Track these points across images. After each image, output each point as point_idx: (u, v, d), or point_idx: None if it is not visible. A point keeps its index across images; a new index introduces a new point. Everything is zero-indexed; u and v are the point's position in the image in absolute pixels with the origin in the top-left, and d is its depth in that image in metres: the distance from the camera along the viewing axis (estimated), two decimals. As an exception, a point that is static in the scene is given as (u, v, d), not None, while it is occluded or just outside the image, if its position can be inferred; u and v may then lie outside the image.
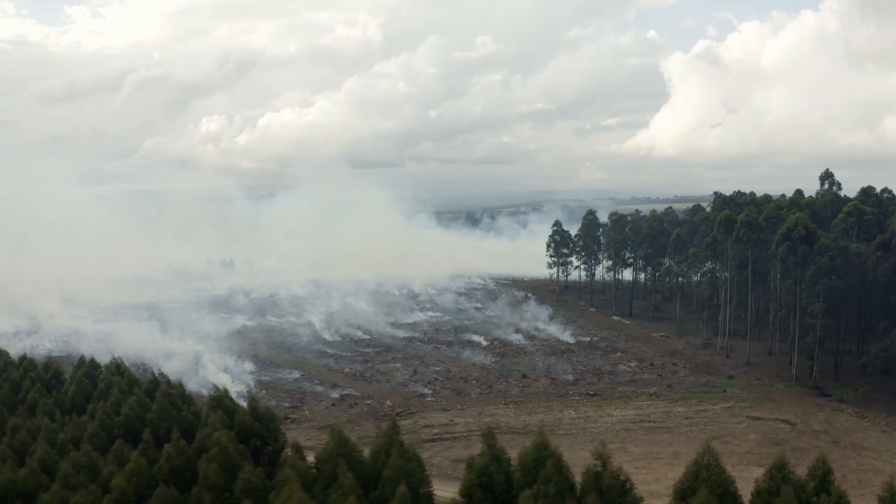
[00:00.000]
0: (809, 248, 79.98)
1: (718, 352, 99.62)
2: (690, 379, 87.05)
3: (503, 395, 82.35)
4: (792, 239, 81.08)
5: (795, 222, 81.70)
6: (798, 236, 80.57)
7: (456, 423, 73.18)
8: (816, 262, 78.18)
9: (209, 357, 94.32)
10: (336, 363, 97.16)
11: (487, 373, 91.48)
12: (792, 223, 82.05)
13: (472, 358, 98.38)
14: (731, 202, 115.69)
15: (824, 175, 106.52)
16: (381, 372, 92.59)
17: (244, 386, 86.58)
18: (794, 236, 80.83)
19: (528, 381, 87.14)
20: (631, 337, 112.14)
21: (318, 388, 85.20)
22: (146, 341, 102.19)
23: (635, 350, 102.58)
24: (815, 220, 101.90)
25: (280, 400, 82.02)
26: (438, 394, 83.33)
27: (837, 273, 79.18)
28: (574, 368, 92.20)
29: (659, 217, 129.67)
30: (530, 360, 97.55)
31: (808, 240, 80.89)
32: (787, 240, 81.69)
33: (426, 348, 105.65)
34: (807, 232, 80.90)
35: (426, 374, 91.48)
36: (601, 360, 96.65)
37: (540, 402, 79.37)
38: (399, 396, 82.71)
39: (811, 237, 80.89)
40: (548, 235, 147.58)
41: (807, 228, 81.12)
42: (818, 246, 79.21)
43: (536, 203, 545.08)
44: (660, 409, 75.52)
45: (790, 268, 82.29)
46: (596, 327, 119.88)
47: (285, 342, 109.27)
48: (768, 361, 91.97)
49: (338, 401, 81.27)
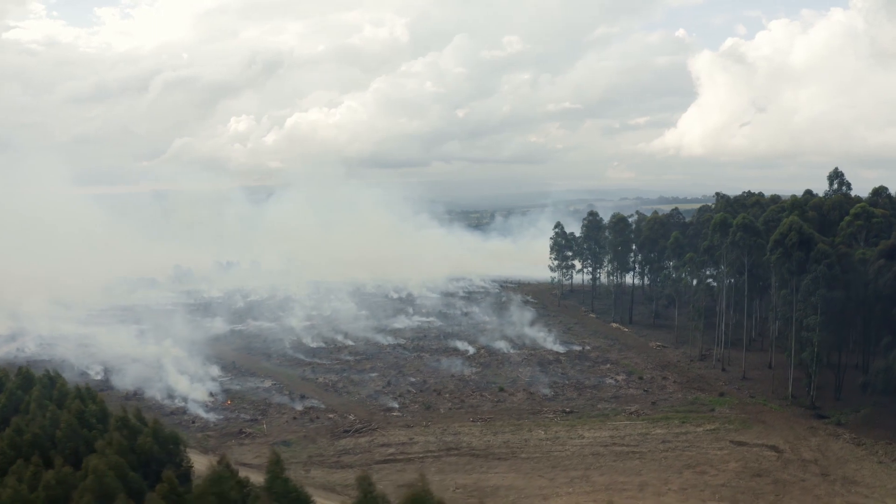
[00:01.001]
0: (805, 256, 72.37)
1: (714, 364, 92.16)
2: (678, 395, 79.93)
3: (474, 410, 76.33)
4: (785, 245, 73.52)
5: (789, 227, 74.12)
6: (792, 242, 72.97)
7: (415, 443, 67.46)
8: (813, 270, 70.54)
9: (176, 364, 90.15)
10: (312, 372, 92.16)
11: (464, 385, 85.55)
12: (785, 228, 74.49)
13: (453, 368, 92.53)
14: (735, 203, 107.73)
15: (833, 174, 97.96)
16: (354, 382, 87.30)
17: (208, 395, 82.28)
18: (787, 243, 73.28)
19: (504, 396, 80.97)
20: (626, 346, 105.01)
21: (283, 400, 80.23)
22: (122, 346, 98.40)
23: (626, 361, 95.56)
24: (822, 224, 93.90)
25: (243, 411, 77.39)
26: (406, 408, 77.70)
27: (837, 283, 71.44)
28: (556, 382, 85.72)
29: (660, 219, 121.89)
30: (513, 371, 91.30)
31: (803, 246, 73.26)
32: (780, 246, 74.18)
33: (409, 356, 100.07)
34: (801, 237, 73.28)
35: (400, 385, 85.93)
36: (587, 373, 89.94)
37: (511, 419, 73.17)
38: (365, 410, 77.30)
39: (807, 243, 73.22)
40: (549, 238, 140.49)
41: (801, 234, 73.48)
42: (814, 253, 71.56)
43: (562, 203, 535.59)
44: (637, 430, 68.75)
45: (785, 277, 74.74)
46: (591, 335, 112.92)
47: (268, 348, 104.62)
48: (766, 376, 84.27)
49: (300, 414, 76.19)
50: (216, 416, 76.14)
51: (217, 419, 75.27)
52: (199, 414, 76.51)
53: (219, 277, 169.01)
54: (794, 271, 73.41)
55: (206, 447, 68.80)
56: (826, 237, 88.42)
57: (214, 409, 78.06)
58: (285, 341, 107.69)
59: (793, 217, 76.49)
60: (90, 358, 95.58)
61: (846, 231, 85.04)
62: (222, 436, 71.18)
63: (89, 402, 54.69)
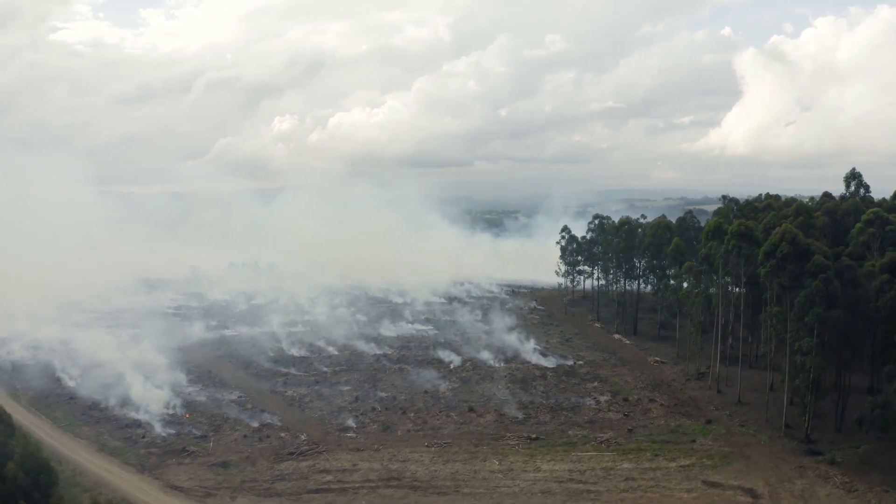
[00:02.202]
0: (800, 269, 63.17)
1: (710, 385, 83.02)
2: (660, 422, 71.49)
3: (433, 433, 69.67)
4: (777, 257, 64.41)
5: (781, 236, 64.93)
6: (784, 254, 63.82)
7: (357, 470, 61.33)
8: (808, 286, 61.38)
9: (148, 373, 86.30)
10: (284, 384, 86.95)
11: (435, 402, 78.92)
12: (777, 238, 65.32)
13: (430, 382, 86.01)
14: (745, 207, 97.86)
15: (850, 175, 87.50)
16: (322, 397, 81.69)
17: (169, 407, 77.82)
18: (779, 254, 64.16)
19: (471, 417, 73.99)
20: (621, 361, 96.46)
21: (242, 415, 75.16)
22: (103, 352, 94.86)
23: (616, 379, 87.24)
24: (836, 230, 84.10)
25: (197, 426, 72.67)
26: (364, 428, 71.61)
27: (836, 300, 62.05)
28: (532, 402, 78.23)
29: (665, 223, 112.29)
30: (491, 388, 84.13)
31: (798, 258, 64.00)
32: (771, 258, 65.07)
33: (389, 368, 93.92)
34: (795, 248, 63.98)
35: (367, 401, 79.89)
36: (570, 392, 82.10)
37: (469, 445, 66.24)
38: (320, 429, 71.58)
39: (803, 255, 63.92)
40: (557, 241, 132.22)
41: (795, 244, 64.18)
42: (809, 266, 62.29)
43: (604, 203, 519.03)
44: (602, 463, 60.93)
45: (778, 292, 65.66)
46: (589, 348, 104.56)
47: (250, 356, 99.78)
48: (763, 400, 74.70)
49: (253, 431, 71.04)
50: (169, 430, 71.67)
51: (168, 434, 70.77)
52: (152, 427, 72.21)
53: (232, 279, 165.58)
54: (787, 286, 64.27)
55: (145, 465, 64.31)
56: (839, 246, 78.92)
57: (171, 423, 73.59)
58: (269, 349, 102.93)
59: (786, 225, 67.21)
60: (71, 363, 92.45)
61: (857, 240, 75.20)
62: (165, 453, 66.54)
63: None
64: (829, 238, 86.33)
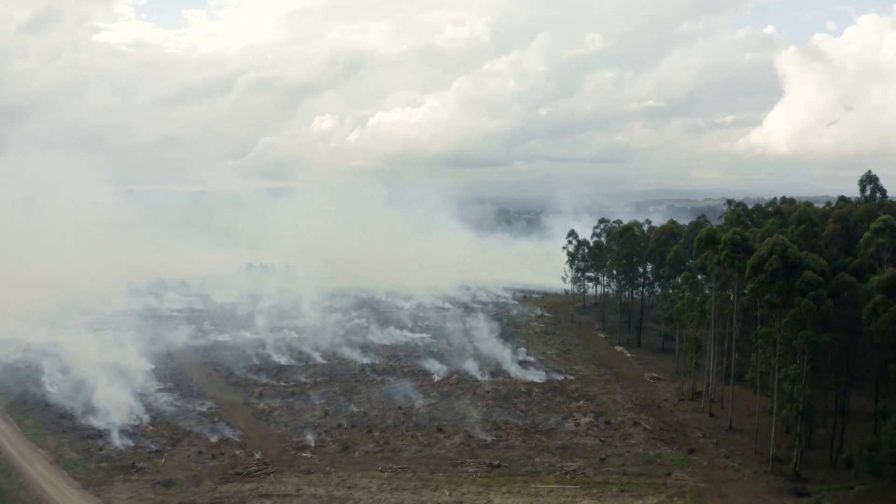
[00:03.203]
0: (790, 285, 56.11)
1: (703, 406, 75.97)
2: (639, 450, 65.01)
3: (392, 456, 64.82)
4: (766, 272, 57.42)
5: (770, 248, 57.87)
6: (773, 268, 56.81)
7: (299, 495, 57.10)
8: (796, 305, 54.36)
9: (124, 381, 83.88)
10: (259, 396, 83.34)
11: (405, 420, 74.15)
12: (765, 250, 58.28)
13: (408, 397, 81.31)
14: (753, 213, 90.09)
15: (865, 178, 79.03)
16: (292, 411, 77.80)
17: (133, 418, 74.93)
18: (767, 268, 57.16)
19: (437, 438, 68.91)
20: (616, 377, 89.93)
21: (204, 429, 71.74)
22: (89, 358, 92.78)
23: (605, 398, 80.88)
24: (848, 238, 76.05)
25: (156, 440, 69.54)
26: (322, 448, 67.27)
27: (830, 321, 54.86)
28: (507, 422, 72.68)
29: (669, 228, 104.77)
30: (469, 405, 78.84)
31: (790, 272, 56.92)
32: (758, 272, 58.10)
33: (372, 379, 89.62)
34: (786, 262, 56.89)
35: (337, 416, 75.67)
36: (551, 412, 76.18)
37: (425, 471, 61.19)
38: (278, 447, 67.59)
39: (794, 269, 56.80)
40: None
41: (786, 257, 57.06)
42: (799, 283, 55.18)
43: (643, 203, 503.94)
44: (561, 499, 55.11)
45: (767, 311, 58.70)
46: (586, 361, 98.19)
47: (235, 364, 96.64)
48: (757, 427, 67.22)
49: (209, 447, 67.50)
50: (127, 442, 68.77)
51: (125, 447, 67.84)
52: (112, 439, 69.32)
53: (245, 281, 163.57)
54: (776, 304, 57.25)
55: (92, 481, 61.38)
56: (848, 257, 71.17)
57: (132, 435, 70.68)
58: (256, 357, 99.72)
59: (777, 236, 60.01)
60: (59, 369, 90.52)
61: (866, 251, 67.29)
62: (115, 468, 63.54)
63: None
64: (839, 247, 78.44)
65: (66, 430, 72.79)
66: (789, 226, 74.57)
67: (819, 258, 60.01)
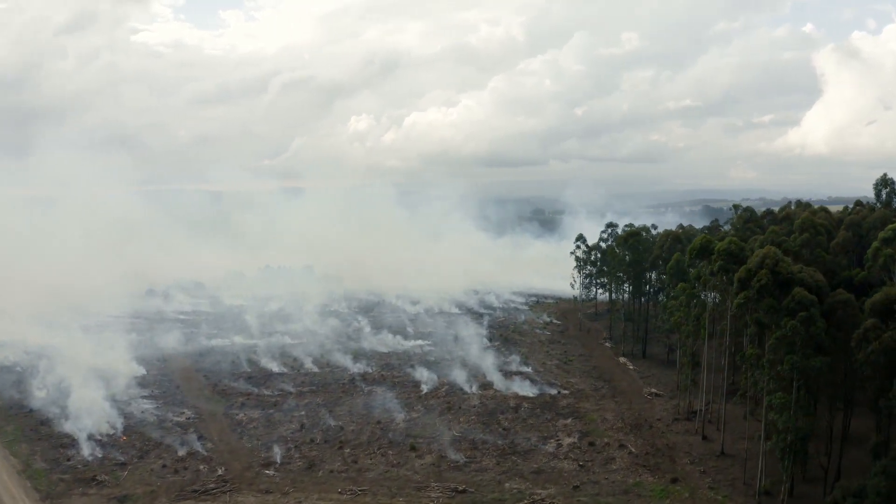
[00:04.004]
0: (778, 303, 50.61)
1: (698, 428, 70.36)
2: (618, 477, 60.12)
3: (357, 476, 61.43)
4: (753, 287, 51.97)
5: (760, 261, 52.40)
6: (762, 284, 51.35)
7: (249, 519, 53.96)
8: (783, 327, 48.87)
9: (109, 388, 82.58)
10: (241, 406, 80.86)
11: (381, 436, 70.66)
12: (755, 263, 52.79)
13: (390, 410, 77.78)
14: (762, 218, 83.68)
15: (880, 182, 72.20)
16: (270, 423, 75.04)
17: (109, 427, 73.12)
18: (755, 284, 51.72)
19: (408, 458, 65.20)
20: (613, 391, 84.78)
21: (174, 440, 69.48)
22: (78, 362, 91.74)
23: (595, 415, 75.91)
24: (861, 247, 69.59)
25: (126, 451, 67.61)
26: (288, 465, 64.26)
27: (821, 344, 49.22)
28: (486, 441, 68.54)
29: (674, 234, 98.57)
30: (451, 420, 75.01)
31: (781, 288, 51.38)
32: (745, 288, 52.67)
33: (359, 389, 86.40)
34: (777, 277, 51.36)
35: (312, 430, 72.62)
36: (536, 430, 71.64)
37: (385, 495, 57.61)
38: (243, 462, 64.91)
39: (786, 285, 51.24)
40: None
41: (777, 272, 51.51)
42: (788, 301, 49.63)
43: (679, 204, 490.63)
44: (521, 530, 50.81)
45: (755, 331, 53.26)
46: (585, 373, 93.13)
47: (226, 371, 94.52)
48: (747, 454, 61.36)
49: (175, 461, 65.29)
50: (96, 453, 67.04)
51: (93, 457, 66.15)
52: (82, 449, 67.70)
53: (261, 283, 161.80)
54: (764, 323, 51.79)
55: (50, 494, 59.69)
56: (856, 269, 64.94)
57: (103, 445, 68.97)
58: (247, 363, 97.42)
59: (770, 248, 54.33)
60: (51, 372, 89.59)
61: (874, 264, 60.97)
62: (76, 480, 61.77)
63: None
64: (851, 257, 71.91)
65: (42, 438, 71.44)
66: (793, 232, 68.39)
67: (815, 273, 54.17)
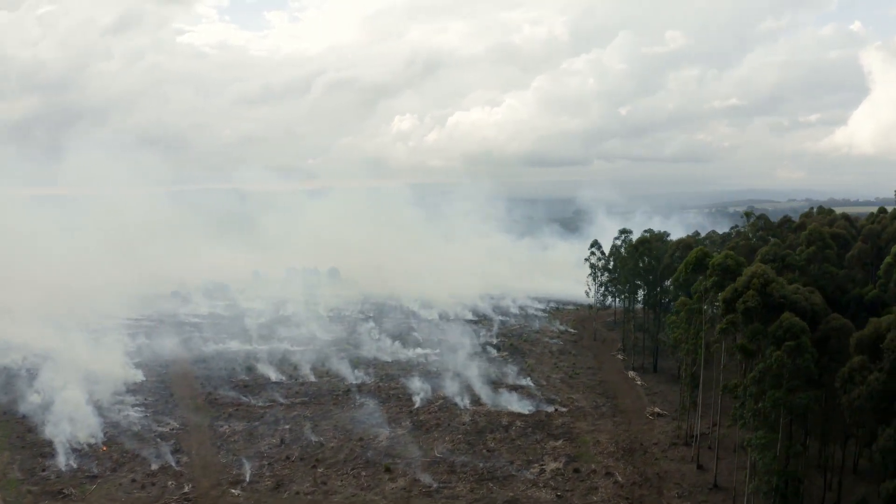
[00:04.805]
0: (764, 329, 45.14)
1: (693, 455, 64.64)
2: (596, 509, 55.39)
3: (323, 500, 58.69)
4: (738, 310, 46.55)
5: (747, 281, 46.94)
6: (748, 306, 45.90)
7: (200, 545, 51.49)
8: (766, 358, 43.46)
9: (97, 393, 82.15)
10: (228, 416, 79.15)
11: (359, 455, 67.66)
12: (742, 283, 47.32)
13: (375, 427, 74.72)
14: (777, 227, 76.96)
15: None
16: (251, 437, 72.90)
17: (92, 435, 72.06)
18: (740, 306, 46.31)
19: (380, 480, 61.91)
20: (614, 410, 79.52)
21: (151, 453, 67.91)
22: (78, 366, 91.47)
23: (589, 437, 71.03)
24: (880, 259, 62.78)
25: (102, 462, 66.48)
26: (256, 483, 61.83)
27: (811, 377, 43.60)
28: (465, 464, 64.71)
29: (686, 242, 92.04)
30: (437, 438, 71.44)
31: (772, 312, 45.86)
32: (731, 311, 47.26)
33: (351, 402, 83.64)
34: (765, 300, 45.84)
35: (292, 445, 70.27)
36: (522, 452, 67.37)
37: (345, 522, 54.33)
38: (213, 479, 62.86)
39: (776, 309, 45.67)
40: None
41: (766, 294, 45.96)
42: (774, 328, 44.10)
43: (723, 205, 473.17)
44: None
45: (740, 359, 47.83)
46: (589, 388, 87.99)
47: (223, 378, 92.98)
48: (735, 489, 55.55)
49: (145, 475, 63.80)
50: (74, 463, 66.23)
51: (69, 468, 65.52)
52: (60, 459, 66.92)
53: (285, 286, 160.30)
54: (750, 351, 46.36)
55: (15, 507, 58.66)
56: (869, 286, 58.40)
57: (83, 455, 68.17)
58: (245, 371, 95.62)
59: (759, 266, 48.67)
60: (49, 377, 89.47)
61: (888, 280, 54.42)
62: (43, 493, 60.96)
63: None
64: (870, 271, 65.02)
65: (27, 446, 70.99)
66: (798, 246, 61.98)
67: (813, 294, 48.33)
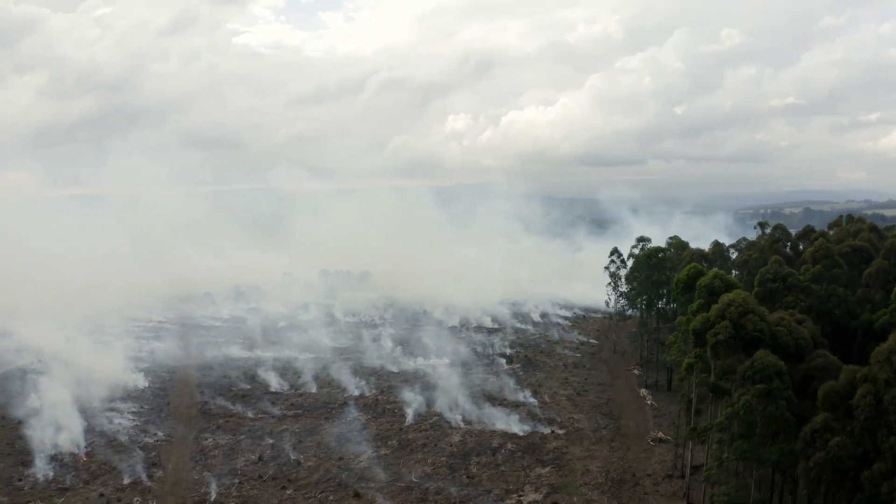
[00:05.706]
0: (734, 367, 39.38)
1: (686, 490, 58.51)
2: (565, 551, 50.39)
3: (281, 526, 55.45)
4: (709, 343, 40.83)
5: (722, 310, 41.26)
6: (720, 339, 40.19)
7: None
8: (735, 403, 37.78)
9: (93, 399, 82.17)
10: (215, 430, 77.31)
11: (334, 475, 64.86)
12: (716, 312, 41.68)
13: (360, 445, 71.57)
14: (797, 238, 69.43)
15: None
16: (232, 452, 70.93)
17: (74, 446, 71.45)
18: (711, 339, 40.61)
19: (346, 505, 58.42)
20: (615, 433, 73.79)
21: (126, 466, 66.77)
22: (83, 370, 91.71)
23: (579, 465, 65.76)
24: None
25: (79, 474, 65.74)
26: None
27: (788, 424, 37.62)
28: (440, 492, 60.66)
29: (699, 254, 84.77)
30: (419, 461, 67.54)
31: (744, 348, 40.08)
32: (702, 343, 41.60)
33: (345, 416, 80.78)
34: (740, 333, 40.04)
35: (269, 463, 67.98)
36: (503, 480, 62.88)
37: (295, 554, 51.17)
38: (177, 498, 61.16)
39: (751, 344, 39.83)
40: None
41: (740, 326, 40.07)
42: (745, 368, 38.35)
43: (779, 206, 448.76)
44: None
45: (711, 399, 42.06)
46: (595, 407, 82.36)
47: (223, 387, 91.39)
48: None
49: (114, 490, 62.94)
50: (51, 472, 66.13)
51: (43, 479, 65.18)
52: (38, 468, 66.77)
53: (313, 289, 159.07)
54: (721, 389, 40.63)
55: (-19, 521, 58.28)
56: (882, 310, 51.30)
57: (62, 466, 67.57)
58: (246, 380, 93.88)
59: (736, 292, 42.75)
60: (51, 382, 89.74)
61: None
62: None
63: None
64: (890, 291, 57.33)
65: (13, 453, 71.06)
66: (802, 268, 55.00)
67: (802, 326, 42.11)
